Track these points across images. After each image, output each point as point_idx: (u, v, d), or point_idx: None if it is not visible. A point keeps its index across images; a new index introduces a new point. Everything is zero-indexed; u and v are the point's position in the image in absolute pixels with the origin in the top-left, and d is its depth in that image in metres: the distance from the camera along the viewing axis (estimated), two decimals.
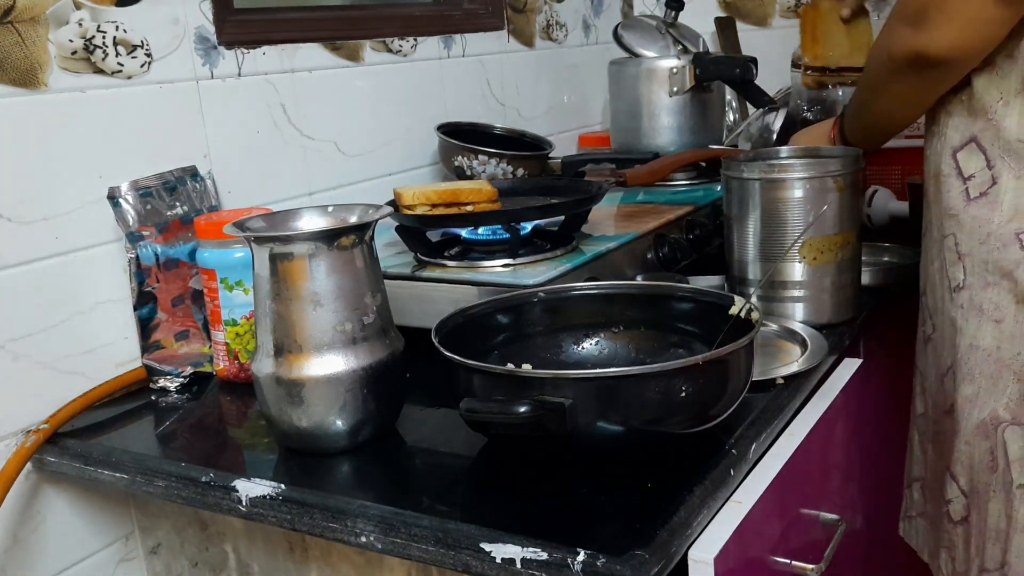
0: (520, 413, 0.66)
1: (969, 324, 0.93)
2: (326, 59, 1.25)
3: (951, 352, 0.96)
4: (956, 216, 0.93)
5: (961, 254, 0.93)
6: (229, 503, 0.76)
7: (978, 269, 0.92)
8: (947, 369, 0.97)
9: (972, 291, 0.93)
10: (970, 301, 0.93)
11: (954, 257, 0.94)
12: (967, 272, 0.93)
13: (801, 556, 0.80)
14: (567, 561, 0.61)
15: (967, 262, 0.93)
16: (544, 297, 0.90)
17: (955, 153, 0.93)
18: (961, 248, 0.93)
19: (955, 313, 0.94)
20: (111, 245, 0.98)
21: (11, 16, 0.88)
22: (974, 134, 0.91)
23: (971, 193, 0.92)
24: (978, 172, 0.91)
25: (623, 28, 1.63)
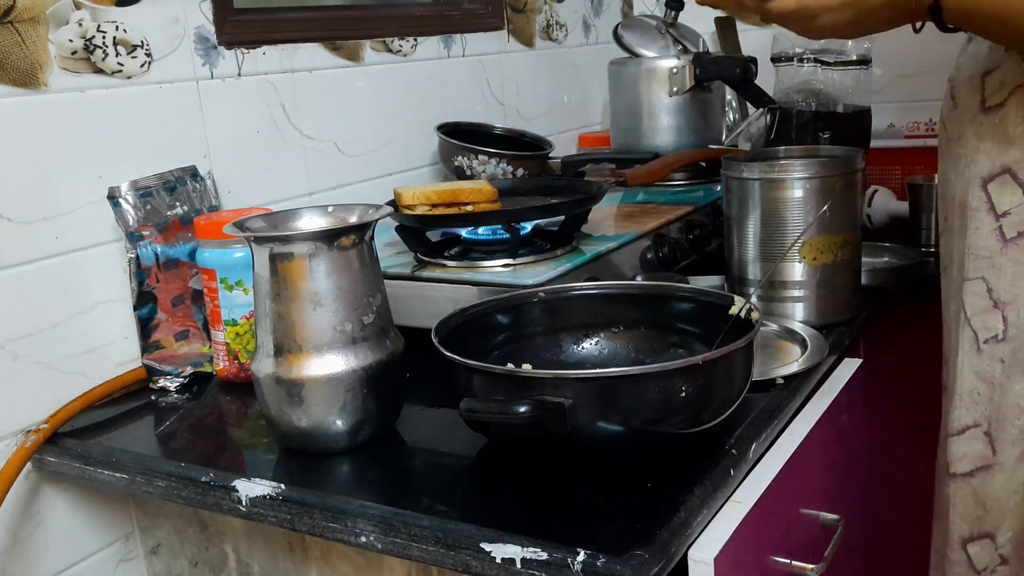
0: (520, 413, 0.66)
1: (1011, 381, 0.84)
2: (326, 59, 1.25)
3: (981, 409, 0.86)
4: (989, 259, 0.84)
5: (1000, 302, 0.84)
6: (229, 503, 0.76)
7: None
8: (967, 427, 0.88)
9: (1017, 345, 0.83)
10: (1013, 356, 0.83)
11: (985, 304, 0.84)
12: (1009, 324, 0.83)
13: (801, 556, 0.80)
14: (567, 561, 0.61)
15: (1010, 312, 0.83)
16: (544, 297, 0.90)
17: (985, 184, 0.83)
18: (999, 295, 0.83)
19: (989, 367, 0.85)
20: (111, 245, 0.98)
21: (11, 16, 0.88)
22: (1008, 164, 0.81)
23: (1007, 233, 0.82)
24: (1015, 209, 0.81)
25: (623, 28, 1.63)
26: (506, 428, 0.70)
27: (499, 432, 0.74)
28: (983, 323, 0.85)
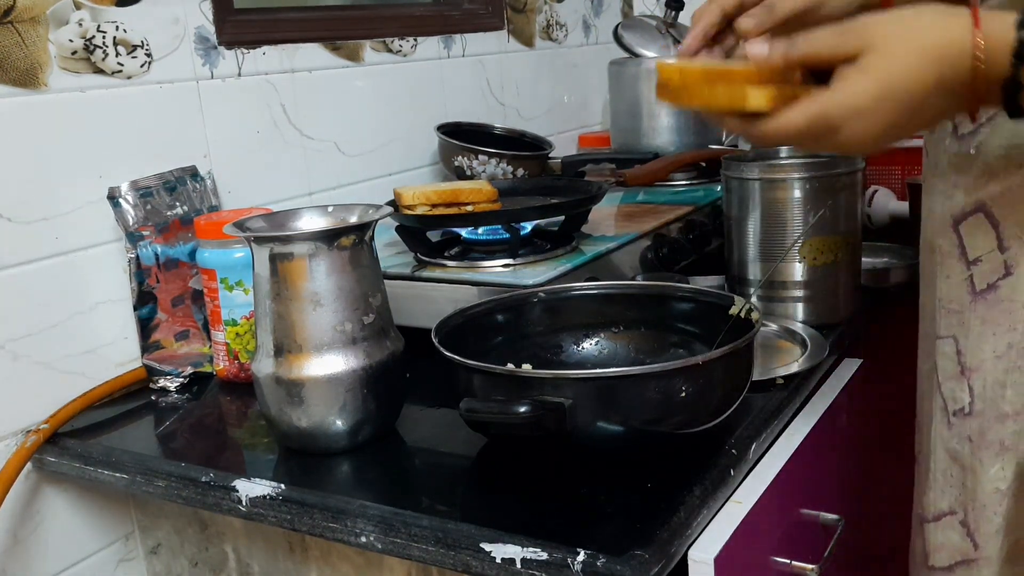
0: (520, 413, 0.66)
1: (984, 465, 0.70)
2: (326, 59, 1.25)
3: (954, 494, 0.74)
4: (959, 314, 0.70)
5: (967, 368, 0.70)
6: (229, 503, 0.76)
7: (992, 394, 0.69)
8: (943, 513, 0.75)
9: (983, 421, 0.70)
10: (981, 435, 0.70)
11: (954, 369, 0.71)
12: (975, 395, 0.70)
13: (801, 556, 0.80)
14: (567, 561, 0.61)
15: (975, 380, 0.70)
16: (544, 297, 0.90)
17: (957, 224, 0.69)
18: (967, 360, 0.70)
19: (958, 446, 0.72)
20: (111, 245, 0.98)
21: (11, 16, 0.88)
22: (983, 201, 0.67)
23: (977, 284, 0.68)
24: (987, 255, 0.68)
25: (623, 28, 1.63)
26: (506, 428, 0.70)
27: (499, 432, 0.74)
28: (951, 392, 0.72)
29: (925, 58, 0.54)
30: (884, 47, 0.54)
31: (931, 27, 0.54)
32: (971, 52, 0.53)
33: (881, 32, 0.54)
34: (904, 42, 0.54)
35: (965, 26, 0.53)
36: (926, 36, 0.54)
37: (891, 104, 0.54)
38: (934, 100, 0.55)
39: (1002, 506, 0.70)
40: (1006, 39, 0.52)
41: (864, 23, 0.55)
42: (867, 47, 0.54)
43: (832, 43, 0.56)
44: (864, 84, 0.54)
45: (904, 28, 0.54)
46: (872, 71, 0.54)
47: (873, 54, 0.54)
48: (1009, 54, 0.52)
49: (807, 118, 0.56)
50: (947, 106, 0.56)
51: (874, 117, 0.55)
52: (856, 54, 0.54)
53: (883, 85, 0.54)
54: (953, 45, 0.53)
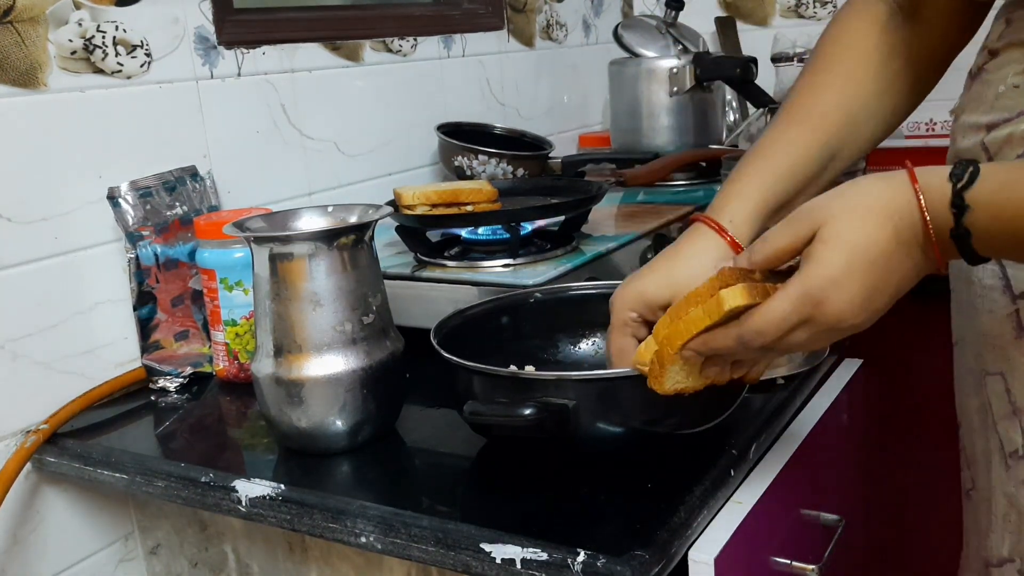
0: (525, 415, 0.66)
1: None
2: (326, 59, 1.25)
3: (1013, 540, 0.70)
4: (1003, 350, 0.67)
5: (1017, 408, 0.67)
6: (229, 503, 0.76)
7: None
8: (1004, 560, 0.72)
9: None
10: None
11: (1005, 408, 0.68)
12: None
13: (801, 556, 0.79)
14: (567, 561, 0.61)
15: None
16: (543, 297, 0.89)
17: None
18: (1016, 399, 0.67)
19: (1014, 490, 0.69)
20: (111, 245, 0.98)
21: (11, 16, 0.88)
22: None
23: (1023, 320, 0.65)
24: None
25: (623, 28, 1.63)
26: (510, 431, 0.70)
27: (502, 434, 0.74)
28: (1006, 432, 0.68)
29: (876, 217, 0.55)
30: (835, 218, 0.56)
31: (872, 191, 0.56)
32: (916, 204, 0.55)
33: (827, 207, 0.56)
34: (851, 209, 0.56)
35: (904, 182, 0.56)
36: (870, 199, 0.56)
37: (860, 265, 0.55)
38: (898, 256, 0.56)
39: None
40: (943, 192, 0.54)
41: (809, 207, 0.57)
42: (819, 223, 0.56)
43: (787, 234, 0.58)
44: (828, 254, 0.55)
45: (847, 198, 0.57)
46: (832, 240, 0.55)
47: (827, 227, 0.56)
48: (948, 207, 0.54)
49: (790, 301, 0.56)
50: (913, 262, 0.56)
51: (850, 282, 0.55)
52: (812, 234, 0.56)
53: (846, 249, 0.55)
54: (897, 200, 0.55)
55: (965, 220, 0.53)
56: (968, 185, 0.53)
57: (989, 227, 0.54)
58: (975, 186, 0.53)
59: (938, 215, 0.54)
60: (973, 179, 0.54)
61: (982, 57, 0.71)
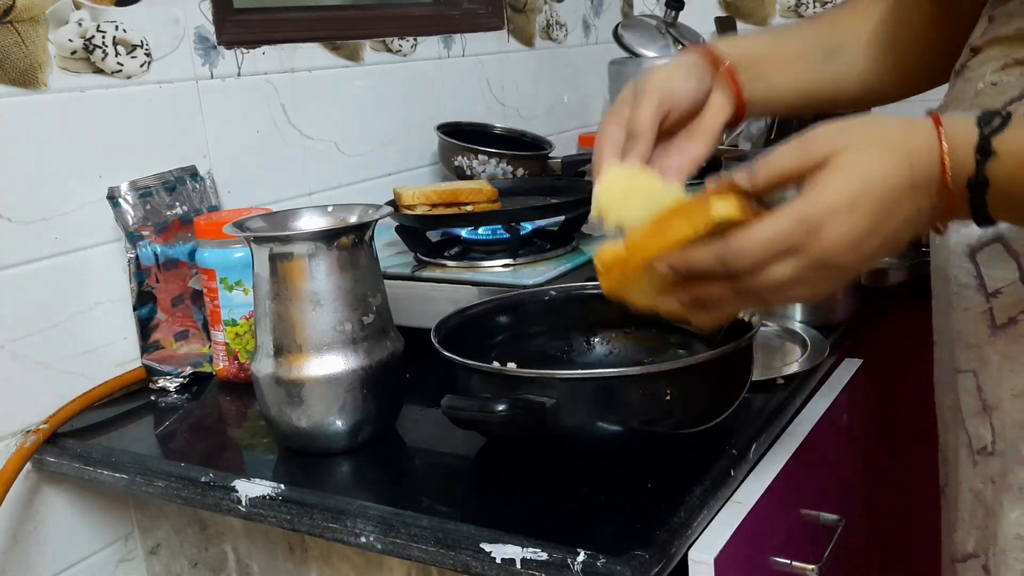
0: (498, 412, 0.66)
1: (1005, 509, 0.66)
2: (326, 59, 1.25)
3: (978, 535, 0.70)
4: (977, 348, 0.67)
5: (988, 405, 0.67)
6: (229, 503, 0.76)
7: (1011, 435, 0.65)
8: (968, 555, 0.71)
9: (1005, 462, 0.66)
10: (1003, 477, 0.66)
11: (976, 405, 0.68)
12: (996, 434, 0.66)
13: (801, 556, 0.79)
14: (567, 561, 0.61)
15: (996, 419, 0.66)
16: (543, 297, 0.89)
17: (974, 252, 0.66)
18: (987, 397, 0.66)
19: (981, 486, 0.69)
20: (111, 245, 0.98)
21: (11, 16, 0.88)
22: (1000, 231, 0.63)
23: (997, 318, 0.64)
24: (1007, 288, 0.63)
25: (623, 28, 1.63)
26: (487, 426, 0.70)
27: (484, 431, 0.74)
28: (975, 429, 0.68)
29: (896, 153, 0.52)
30: (854, 147, 0.53)
31: (895, 127, 0.54)
32: (938, 148, 0.52)
33: (845, 135, 0.53)
34: (871, 141, 0.53)
35: (928, 125, 0.53)
36: (892, 135, 0.53)
37: (868, 200, 0.52)
38: (906, 199, 0.53)
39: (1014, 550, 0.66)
40: (969, 137, 0.52)
41: (826, 131, 0.54)
42: (835, 151, 0.53)
43: (797, 156, 0.54)
44: (839, 182, 0.52)
45: (868, 129, 0.54)
46: (846, 168, 0.52)
47: (843, 155, 0.52)
48: (972, 151, 0.51)
49: (787, 221, 0.53)
50: (917, 209, 0.54)
51: (854, 215, 0.52)
52: (824, 159, 0.53)
53: (858, 181, 0.52)
54: (920, 141, 0.53)
55: (987, 167, 0.51)
56: (999, 130, 0.51)
57: (1011, 177, 0.51)
58: (1005, 132, 0.51)
59: (959, 160, 0.52)
60: (1004, 125, 0.51)
61: (965, 55, 0.70)
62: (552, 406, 0.66)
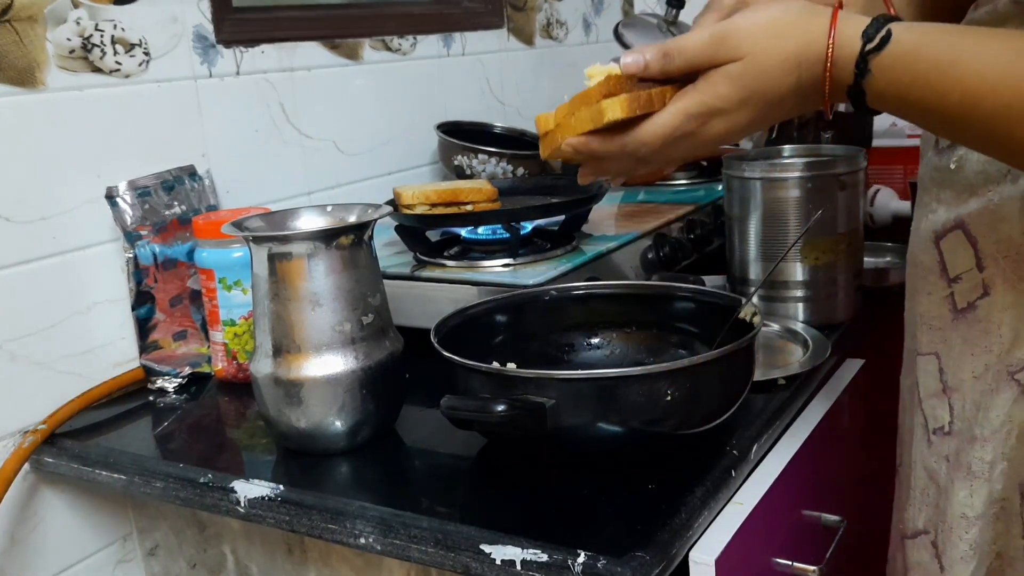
0: (498, 412, 0.66)
1: (956, 487, 0.69)
2: (325, 58, 1.24)
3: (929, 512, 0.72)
4: (941, 331, 0.69)
5: (948, 386, 0.69)
6: (227, 504, 0.76)
7: (969, 415, 0.68)
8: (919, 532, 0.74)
9: (960, 442, 0.69)
10: (956, 456, 0.69)
11: (935, 386, 0.70)
12: (955, 415, 0.69)
13: (803, 557, 0.79)
14: (567, 562, 0.61)
15: (955, 400, 0.69)
16: (544, 297, 0.89)
17: (938, 239, 0.69)
18: (948, 378, 0.69)
19: (936, 465, 0.71)
20: (109, 245, 0.97)
21: (9, 15, 0.87)
22: (962, 218, 0.66)
23: (958, 302, 0.67)
24: (966, 274, 0.67)
25: (623, 26, 1.62)
26: (486, 426, 0.70)
27: (483, 431, 0.74)
28: (932, 409, 0.71)
29: (786, 65, 0.59)
30: (751, 58, 0.59)
31: (794, 30, 0.59)
32: (824, 59, 0.58)
33: (749, 42, 0.59)
34: (769, 51, 0.59)
35: (823, 31, 0.58)
36: (789, 42, 0.59)
37: (752, 107, 0.60)
38: (790, 101, 0.60)
39: (968, 533, 0.69)
40: (852, 47, 0.57)
41: (735, 34, 0.60)
42: (736, 56, 0.59)
43: (708, 54, 0.60)
44: (729, 89, 0.60)
45: (771, 35, 0.59)
46: (738, 79, 0.60)
47: (739, 64, 0.59)
48: (852, 64, 0.57)
49: (677, 117, 0.61)
50: (801, 104, 0.61)
51: (735, 116, 0.61)
52: (727, 61, 0.60)
53: (746, 91, 0.60)
54: (811, 50, 0.58)
55: (864, 82, 0.57)
56: (877, 49, 0.56)
57: (884, 91, 0.57)
58: (883, 52, 0.56)
59: (841, 67, 0.57)
60: (884, 43, 0.56)
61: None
62: (552, 407, 0.66)
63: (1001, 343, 0.65)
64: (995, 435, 0.67)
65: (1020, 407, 0.66)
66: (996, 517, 0.69)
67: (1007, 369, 0.65)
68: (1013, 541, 0.69)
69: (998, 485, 0.68)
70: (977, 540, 0.69)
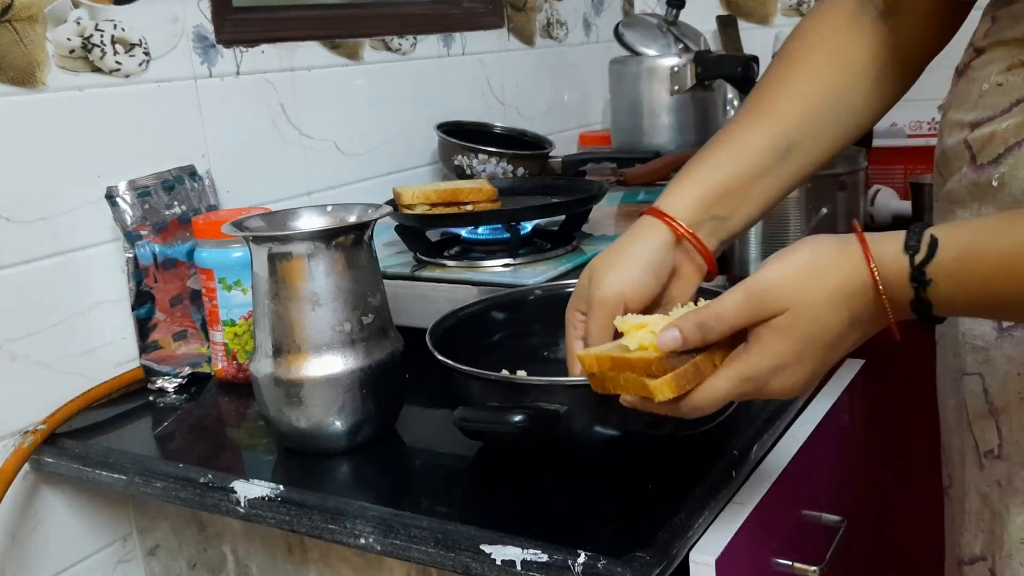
0: (515, 422, 0.65)
1: (1011, 512, 0.66)
2: (325, 58, 1.24)
3: (985, 538, 0.70)
4: (984, 351, 0.67)
5: (995, 408, 0.67)
6: (227, 504, 0.76)
7: (1018, 437, 0.65)
8: (976, 558, 0.71)
9: (1011, 466, 0.66)
10: (1009, 481, 0.66)
11: (982, 408, 0.68)
12: (1003, 438, 0.67)
13: (803, 557, 0.79)
14: (567, 563, 0.61)
15: (1003, 422, 0.66)
16: (538, 297, 0.89)
17: None
18: (994, 399, 0.66)
19: (988, 489, 0.69)
20: (109, 245, 0.97)
21: (9, 15, 0.87)
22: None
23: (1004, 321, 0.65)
24: None
25: (624, 26, 1.63)
26: (500, 437, 0.69)
27: (494, 440, 0.73)
28: (982, 431, 0.69)
29: (834, 303, 0.56)
30: (796, 309, 0.56)
31: (831, 265, 0.56)
32: (872, 284, 0.55)
33: (790, 291, 0.56)
34: (812, 294, 0.56)
35: (859, 258, 0.55)
36: (829, 280, 0.56)
37: (811, 354, 0.57)
38: (850, 335, 0.57)
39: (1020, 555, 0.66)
40: (900, 267, 0.54)
41: (772, 288, 0.56)
42: (778, 310, 0.56)
43: (750, 314, 0.57)
44: (783, 345, 0.56)
45: (808, 280, 0.56)
46: (790, 332, 0.56)
47: (784, 317, 0.56)
48: (907, 280, 0.54)
49: (733, 383, 0.58)
50: (864, 333, 0.58)
51: (798, 369, 0.57)
52: (770, 317, 0.56)
53: (802, 342, 0.56)
54: (855, 281, 0.55)
55: (927, 294, 0.54)
56: (928, 259, 0.53)
57: (953, 295, 0.53)
58: (935, 259, 0.53)
59: (896, 289, 0.54)
60: (933, 252, 0.53)
61: (968, 54, 0.70)
62: (565, 413, 0.66)
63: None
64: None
65: None
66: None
67: None
68: None
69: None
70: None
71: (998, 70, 0.66)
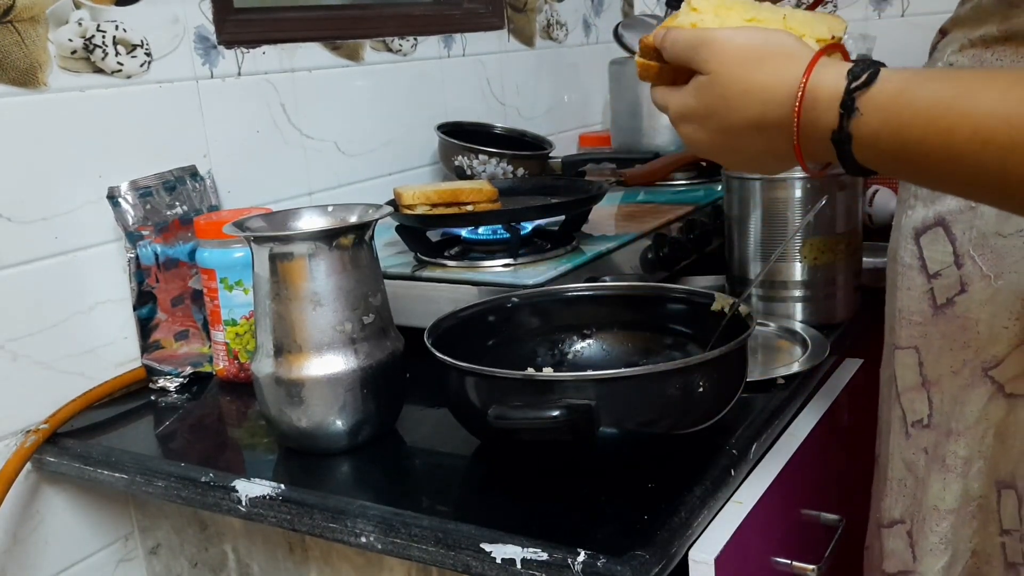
0: (553, 417, 0.65)
1: (931, 478, 0.70)
2: (326, 58, 1.25)
3: (906, 503, 0.74)
4: (922, 326, 0.70)
5: (928, 380, 0.70)
6: (229, 503, 0.76)
7: (947, 408, 0.69)
8: (895, 521, 0.76)
9: (939, 435, 0.70)
10: (935, 448, 0.70)
11: (915, 379, 0.71)
12: (934, 408, 0.70)
13: (802, 556, 0.79)
14: (567, 561, 0.61)
15: (935, 394, 0.70)
16: (536, 298, 0.89)
17: (918, 235, 0.70)
18: (928, 372, 0.70)
19: (914, 457, 0.73)
20: (111, 245, 0.98)
21: (11, 15, 0.88)
22: (942, 215, 0.67)
23: (938, 298, 0.68)
24: (945, 270, 0.68)
25: (623, 27, 1.63)
26: (536, 433, 0.68)
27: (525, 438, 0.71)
28: (911, 402, 0.72)
29: (749, 97, 0.56)
30: (718, 75, 0.57)
31: (770, 66, 0.55)
32: (795, 99, 0.53)
33: (722, 59, 0.57)
34: (733, 77, 0.56)
35: (801, 68, 0.53)
36: (758, 74, 0.55)
37: (712, 126, 0.59)
38: (750, 136, 0.57)
39: (939, 526, 0.71)
40: (835, 89, 0.52)
41: (710, 46, 0.57)
42: (708, 70, 0.57)
43: (685, 55, 0.60)
44: (692, 100, 0.59)
45: (740, 60, 0.56)
46: (701, 94, 0.59)
47: (707, 78, 0.58)
48: (837, 104, 0.51)
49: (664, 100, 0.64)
50: (767, 145, 0.57)
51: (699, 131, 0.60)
52: (700, 71, 0.58)
53: (707, 109, 0.58)
54: (782, 87, 0.54)
55: (851, 124, 0.51)
56: (864, 86, 0.50)
57: (876, 135, 0.50)
58: (871, 88, 0.50)
59: (823, 112, 0.52)
60: (871, 80, 0.50)
61: (936, 36, 0.71)
62: (595, 408, 0.66)
63: (978, 339, 0.67)
64: (969, 431, 0.68)
65: (995, 405, 0.67)
66: (973, 515, 0.70)
67: (982, 366, 0.67)
68: (990, 539, 0.70)
69: (975, 483, 0.69)
70: (949, 535, 0.70)
71: (952, 51, 0.67)
